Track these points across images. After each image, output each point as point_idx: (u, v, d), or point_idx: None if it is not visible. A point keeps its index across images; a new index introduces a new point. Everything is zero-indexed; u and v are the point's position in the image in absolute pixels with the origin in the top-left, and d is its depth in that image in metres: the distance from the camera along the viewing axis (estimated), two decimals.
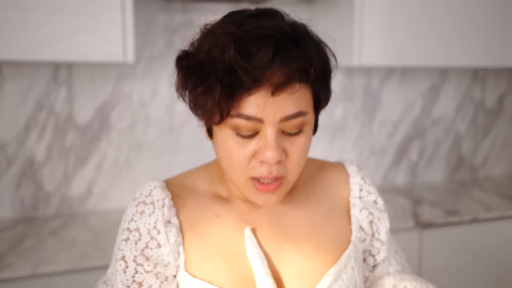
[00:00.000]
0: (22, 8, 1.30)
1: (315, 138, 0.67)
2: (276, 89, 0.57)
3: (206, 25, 0.62)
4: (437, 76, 2.11)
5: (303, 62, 0.58)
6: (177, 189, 0.72)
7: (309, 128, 0.63)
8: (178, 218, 0.69)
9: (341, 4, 1.68)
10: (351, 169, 0.78)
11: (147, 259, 0.67)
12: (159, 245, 0.67)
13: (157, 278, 0.67)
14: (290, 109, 0.59)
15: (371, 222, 0.76)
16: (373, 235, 0.77)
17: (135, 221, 0.68)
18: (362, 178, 0.77)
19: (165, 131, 1.77)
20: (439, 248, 1.66)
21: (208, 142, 0.69)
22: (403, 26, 1.68)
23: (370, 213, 0.76)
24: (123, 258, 0.67)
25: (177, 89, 0.64)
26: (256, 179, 0.62)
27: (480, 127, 2.22)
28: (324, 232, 0.72)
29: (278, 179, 0.62)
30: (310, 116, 0.63)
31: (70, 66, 1.63)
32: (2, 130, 1.60)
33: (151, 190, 0.70)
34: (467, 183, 2.14)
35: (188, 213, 0.70)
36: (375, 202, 0.77)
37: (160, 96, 1.74)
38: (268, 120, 0.59)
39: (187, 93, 0.63)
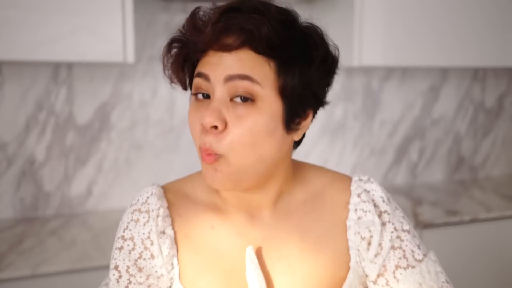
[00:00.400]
0: (22, 8, 1.30)
1: (315, 138, 0.66)
2: (223, 47, 0.58)
3: None
4: (437, 76, 2.11)
5: (250, 25, 0.57)
6: (174, 197, 0.70)
7: (264, 107, 0.58)
8: (173, 228, 0.68)
9: (341, 4, 1.68)
10: (353, 188, 0.72)
11: (140, 270, 0.65)
12: (152, 256, 0.66)
13: None
14: (236, 69, 0.58)
15: (368, 244, 0.69)
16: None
17: (130, 230, 0.67)
18: (358, 196, 0.71)
19: (165, 131, 1.77)
20: (439, 248, 1.65)
21: None
22: (403, 26, 1.68)
23: (362, 238, 0.69)
24: (116, 267, 0.66)
25: (162, 60, 0.67)
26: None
27: (480, 127, 2.22)
28: (317, 255, 0.68)
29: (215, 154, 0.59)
30: (266, 93, 0.58)
31: (70, 66, 1.63)
32: (2, 130, 1.60)
33: (148, 198, 0.68)
34: (467, 183, 2.14)
35: (183, 223, 0.68)
36: (372, 221, 0.69)
37: (160, 96, 1.74)
38: (213, 78, 0.59)
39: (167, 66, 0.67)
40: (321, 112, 0.68)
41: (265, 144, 0.60)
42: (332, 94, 0.66)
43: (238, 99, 0.58)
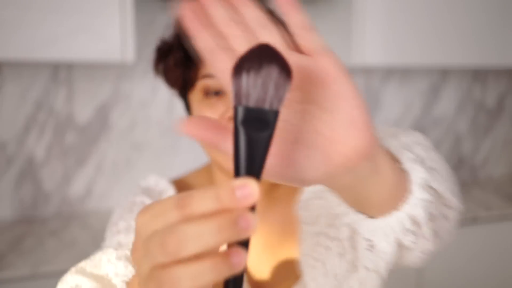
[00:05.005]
0: (21, 8, 1.30)
1: None
2: None
3: None
4: (437, 76, 2.10)
5: None
6: (179, 190, 0.74)
7: None
8: None
9: (341, 4, 1.68)
10: None
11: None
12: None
13: None
14: None
15: None
16: None
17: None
18: None
19: (165, 131, 1.77)
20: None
21: None
22: (403, 25, 1.67)
23: None
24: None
25: (155, 67, 0.70)
26: None
27: (480, 127, 2.22)
28: (295, 239, 0.68)
29: None
30: None
31: (69, 66, 1.63)
32: (2, 130, 1.60)
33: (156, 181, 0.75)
34: (467, 183, 2.14)
35: None
36: None
37: (160, 96, 1.74)
38: None
39: (161, 67, 0.70)
40: None
41: None
42: None
43: None
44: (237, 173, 0.30)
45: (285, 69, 0.31)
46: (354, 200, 0.43)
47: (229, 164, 0.60)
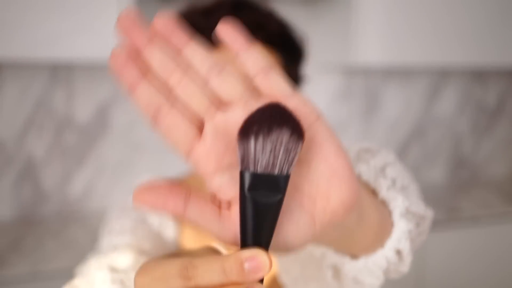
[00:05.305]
0: (21, 8, 1.30)
1: None
2: None
3: None
4: (437, 76, 2.10)
5: (259, 18, 0.64)
6: None
7: None
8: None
9: (341, 4, 1.68)
10: None
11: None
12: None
13: None
14: None
15: None
16: None
17: None
18: None
19: None
20: (439, 248, 1.65)
21: None
22: (403, 25, 1.67)
23: None
24: None
25: None
26: None
27: (481, 127, 2.22)
28: None
29: None
30: None
31: (69, 66, 1.63)
32: (2, 129, 1.60)
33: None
34: (467, 183, 2.14)
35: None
36: None
37: None
38: None
39: None
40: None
41: None
42: (332, 94, 0.68)
43: None
44: (244, 243, 0.28)
45: (297, 131, 0.28)
46: (337, 248, 0.40)
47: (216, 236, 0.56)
